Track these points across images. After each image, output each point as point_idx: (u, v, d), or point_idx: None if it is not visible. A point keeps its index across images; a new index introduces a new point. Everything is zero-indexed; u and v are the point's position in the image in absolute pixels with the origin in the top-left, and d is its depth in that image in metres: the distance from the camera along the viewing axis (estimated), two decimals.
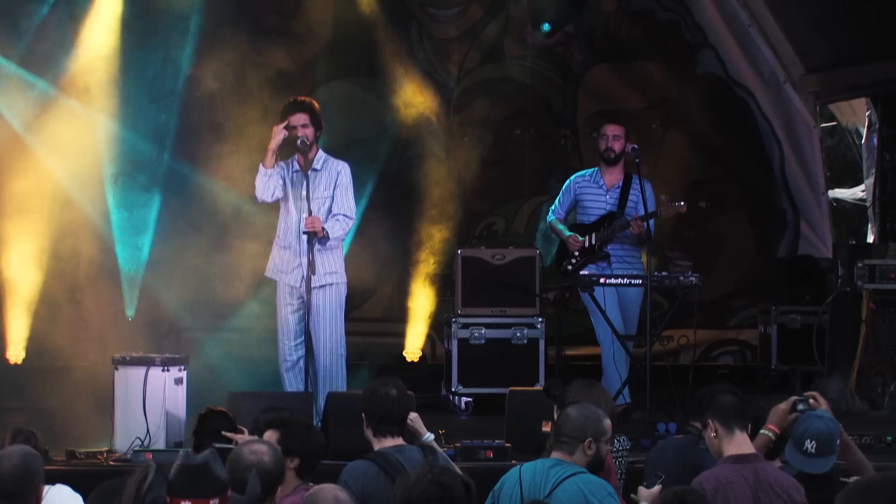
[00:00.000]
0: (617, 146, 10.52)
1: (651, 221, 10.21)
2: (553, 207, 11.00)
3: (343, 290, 9.64)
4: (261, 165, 9.57)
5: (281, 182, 9.57)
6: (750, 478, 6.00)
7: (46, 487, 5.61)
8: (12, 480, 4.95)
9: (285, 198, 9.61)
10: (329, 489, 4.67)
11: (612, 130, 10.54)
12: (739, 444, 6.15)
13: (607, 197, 10.58)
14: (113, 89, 12.30)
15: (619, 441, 7.10)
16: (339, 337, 9.56)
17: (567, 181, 10.91)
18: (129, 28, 12.37)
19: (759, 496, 5.91)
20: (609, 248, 10.54)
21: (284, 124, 9.48)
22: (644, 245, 10.43)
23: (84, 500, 5.66)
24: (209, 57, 12.32)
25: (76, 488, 5.76)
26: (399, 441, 6.50)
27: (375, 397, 6.60)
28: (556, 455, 6.05)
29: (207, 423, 6.88)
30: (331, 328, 9.50)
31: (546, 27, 13.35)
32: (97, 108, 12.16)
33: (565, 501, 5.88)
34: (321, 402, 9.10)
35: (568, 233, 10.74)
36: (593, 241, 10.52)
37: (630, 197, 10.51)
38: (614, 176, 10.61)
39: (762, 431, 6.42)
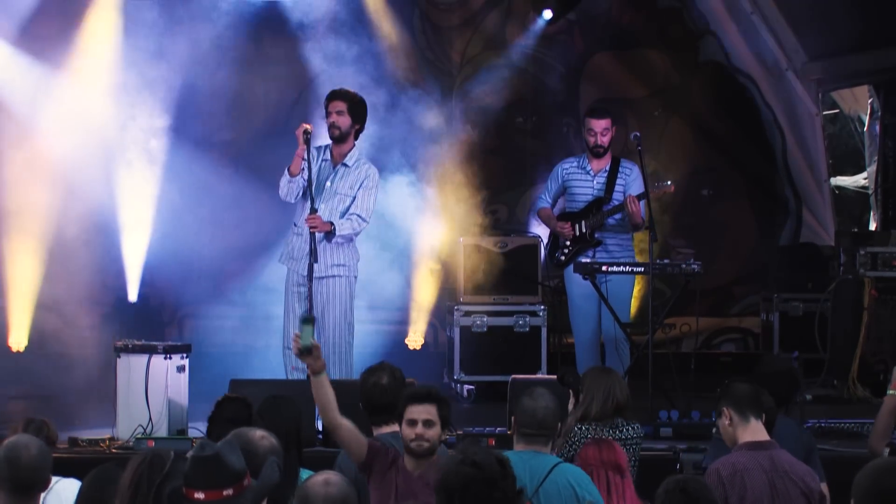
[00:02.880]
0: (606, 140, 10.43)
1: (647, 206, 10.13)
2: (541, 195, 10.92)
3: (352, 283, 9.59)
4: (286, 171, 9.46)
5: (304, 179, 9.49)
6: (766, 464, 6.06)
7: (55, 479, 5.63)
8: (29, 471, 4.95)
9: (307, 184, 9.51)
10: (320, 474, 4.66)
11: (599, 126, 10.42)
12: (754, 431, 6.20)
13: (594, 182, 10.49)
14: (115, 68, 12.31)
15: (632, 428, 7.10)
16: (348, 326, 9.52)
17: (554, 168, 10.82)
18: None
19: (774, 482, 5.97)
20: (600, 235, 10.46)
21: (303, 128, 9.37)
22: (637, 229, 10.37)
23: None
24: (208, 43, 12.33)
25: (78, 476, 5.76)
26: (394, 427, 6.52)
27: (366, 387, 6.63)
28: (530, 447, 6.06)
29: (221, 410, 6.71)
30: (339, 317, 9.46)
31: (547, 14, 13.34)
32: (100, 88, 12.15)
33: (553, 494, 5.88)
34: None
35: (557, 221, 10.66)
36: (583, 229, 10.45)
37: (618, 181, 10.43)
38: (602, 161, 10.52)
39: (890, 392, 6.48)
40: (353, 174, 9.52)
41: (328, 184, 9.43)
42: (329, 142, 9.66)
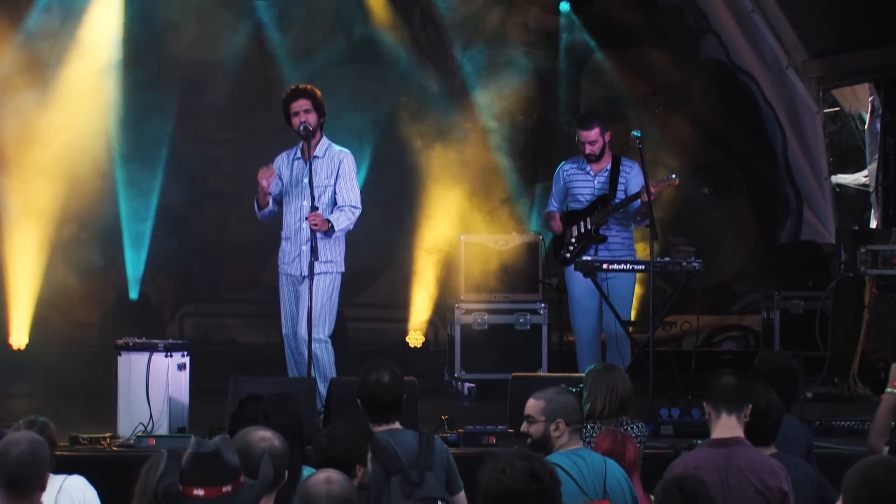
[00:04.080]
0: (596, 149, 10.41)
1: (648, 204, 10.11)
2: (550, 200, 10.89)
3: (337, 279, 9.52)
4: (255, 205, 9.50)
5: (277, 191, 9.53)
6: (720, 462, 6.01)
7: (62, 477, 5.62)
8: (19, 467, 4.93)
9: (286, 189, 9.53)
10: (321, 472, 4.63)
11: (587, 136, 10.40)
12: (722, 427, 6.15)
13: (594, 182, 10.48)
14: (117, 70, 12.31)
15: (637, 427, 7.10)
16: (329, 323, 9.44)
17: (556, 171, 10.80)
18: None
19: (727, 480, 5.91)
20: (604, 229, 10.43)
21: (268, 168, 9.39)
22: (645, 219, 10.34)
23: (97, 491, 5.68)
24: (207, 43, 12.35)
25: (79, 474, 5.77)
26: (394, 425, 6.50)
27: (367, 386, 6.56)
28: (579, 444, 6.02)
29: (245, 410, 6.54)
30: (321, 313, 9.36)
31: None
32: (102, 90, 12.15)
33: (616, 489, 5.83)
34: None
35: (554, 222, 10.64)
36: (588, 226, 10.44)
37: (619, 179, 10.43)
38: (601, 163, 10.51)
39: (888, 390, 6.47)
40: (326, 163, 9.48)
41: (306, 180, 9.38)
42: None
